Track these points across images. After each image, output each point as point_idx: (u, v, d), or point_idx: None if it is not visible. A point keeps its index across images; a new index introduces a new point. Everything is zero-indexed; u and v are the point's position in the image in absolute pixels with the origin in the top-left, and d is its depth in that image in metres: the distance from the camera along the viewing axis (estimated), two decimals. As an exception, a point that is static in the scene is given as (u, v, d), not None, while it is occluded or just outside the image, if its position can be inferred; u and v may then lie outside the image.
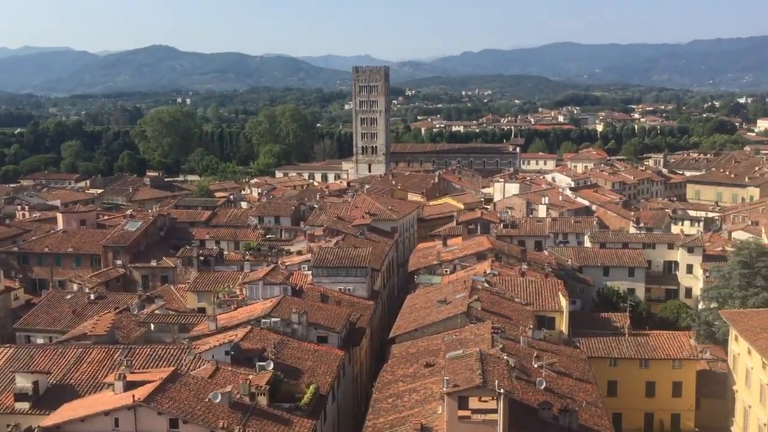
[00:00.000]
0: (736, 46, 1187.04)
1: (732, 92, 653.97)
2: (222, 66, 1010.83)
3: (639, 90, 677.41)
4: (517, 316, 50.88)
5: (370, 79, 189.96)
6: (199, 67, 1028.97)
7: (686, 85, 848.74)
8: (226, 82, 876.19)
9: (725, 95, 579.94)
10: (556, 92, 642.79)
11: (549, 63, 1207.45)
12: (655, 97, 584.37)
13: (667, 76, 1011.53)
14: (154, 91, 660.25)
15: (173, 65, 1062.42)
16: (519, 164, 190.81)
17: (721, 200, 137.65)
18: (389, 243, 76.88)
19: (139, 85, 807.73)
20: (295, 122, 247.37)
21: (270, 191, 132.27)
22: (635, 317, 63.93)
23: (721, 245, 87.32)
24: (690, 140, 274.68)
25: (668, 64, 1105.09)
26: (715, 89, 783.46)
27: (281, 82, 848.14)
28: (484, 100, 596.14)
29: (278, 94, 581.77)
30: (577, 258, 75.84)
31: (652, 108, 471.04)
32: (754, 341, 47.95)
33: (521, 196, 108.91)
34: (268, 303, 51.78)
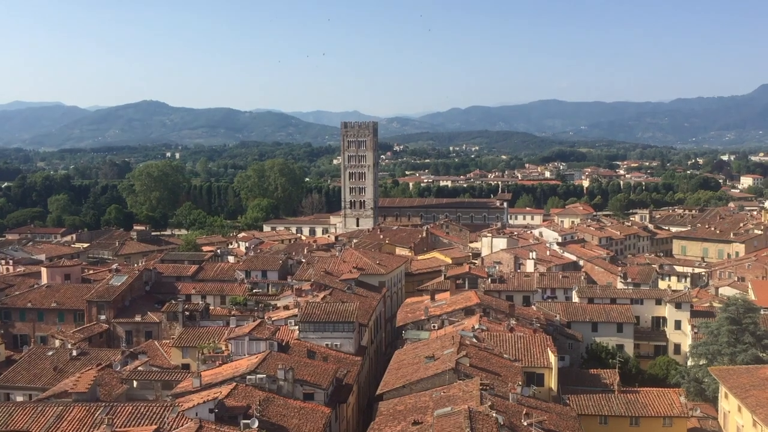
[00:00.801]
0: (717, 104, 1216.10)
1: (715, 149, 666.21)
2: (212, 121, 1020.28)
3: (624, 147, 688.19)
4: (505, 372, 50.41)
5: (358, 134, 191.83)
6: (189, 121, 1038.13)
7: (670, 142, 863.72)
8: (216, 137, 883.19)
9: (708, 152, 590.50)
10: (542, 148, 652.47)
11: (534, 119, 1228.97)
12: (640, 154, 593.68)
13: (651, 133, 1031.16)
14: (144, 146, 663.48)
15: (163, 120, 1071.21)
16: (506, 219, 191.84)
17: (707, 256, 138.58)
18: (377, 298, 76.49)
19: (128, 139, 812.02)
20: (284, 176, 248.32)
21: (257, 245, 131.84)
22: (624, 374, 63.48)
23: (708, 301, 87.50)
24: (675, 196, 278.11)
25: (652, 122, 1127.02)
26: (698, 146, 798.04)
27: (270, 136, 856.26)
28: (471, 155, 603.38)
29: (267, 149, 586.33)
30: (565, 313, 75.65)
31: (637, 164, 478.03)
32: (744, 398, 47.66)
33: (509, 250, 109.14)
34: (253, 359, 51.13)
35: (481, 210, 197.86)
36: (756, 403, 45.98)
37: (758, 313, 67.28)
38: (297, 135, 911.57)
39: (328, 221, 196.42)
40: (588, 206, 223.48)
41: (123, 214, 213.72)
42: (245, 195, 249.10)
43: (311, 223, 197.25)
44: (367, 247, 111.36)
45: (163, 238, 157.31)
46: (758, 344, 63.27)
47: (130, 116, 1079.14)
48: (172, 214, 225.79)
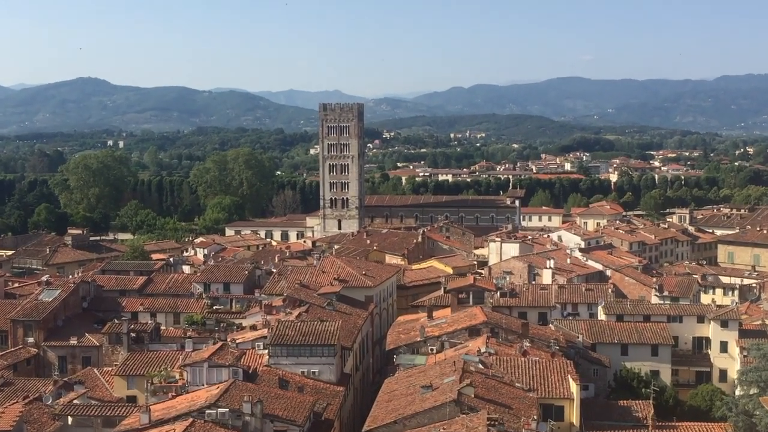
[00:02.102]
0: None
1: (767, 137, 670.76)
2: (163, 102, 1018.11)
3: (659, 133, 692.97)
4: (517, 404, 50.56)
5: (340, 118, 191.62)
6: (136, 103, 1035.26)
7: (714, 128, 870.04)
8: (168, 122, 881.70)
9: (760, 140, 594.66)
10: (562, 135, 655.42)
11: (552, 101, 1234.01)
12: (678, 142, 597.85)
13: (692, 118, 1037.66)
14: (80, 132, 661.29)
15: (104, 101, 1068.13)
16: (519, 220, 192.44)
17: (759, 264, 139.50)
18: (363, 315, 76.53)
19: (61, 124, 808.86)
20: (250, 169, 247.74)
21: (218, 252, 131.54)
22: (660, 405, 63.76)
23: (760, 318, 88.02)
24: (720, 193, 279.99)
25: (692, 104, 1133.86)
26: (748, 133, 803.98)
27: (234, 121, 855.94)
28: (476, 143, 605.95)
29: (230, 136, 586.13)
30: (589, 334, 75.95)
31: (674, 155, 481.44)
32: (802, 434, 47.98)
33: (522, 258, 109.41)
34: (214, 389, 51.05)
35: (489, 209, 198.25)
36: (817, 440, 46.31)
37: (819, 332, 67.80)
38: (266, 119, 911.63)
39: (303, 223, 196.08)
40: (616, 205, 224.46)
41: (55, 215, 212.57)
42: (204, 192, 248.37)
43: (283, 225, 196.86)
44: (351, 255, 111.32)
45: (103, 244, 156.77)
46: (819, 369, 63.68)
47: (64, 97, 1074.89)
48: (114, 215, 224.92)
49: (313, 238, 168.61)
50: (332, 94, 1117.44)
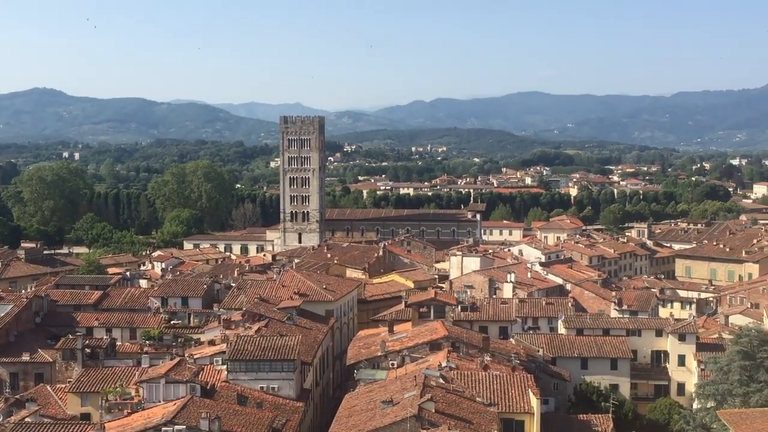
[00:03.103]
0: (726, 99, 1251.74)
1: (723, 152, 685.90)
2: (120, 114, 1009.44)
3: (618, 148, 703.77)
4: (478, 419, 50.67)
5: (301, 131, 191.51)
6: (92, 114, 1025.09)
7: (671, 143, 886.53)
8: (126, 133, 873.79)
9: (716, 156, 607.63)
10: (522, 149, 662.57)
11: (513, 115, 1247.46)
12: (637, 157, 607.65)
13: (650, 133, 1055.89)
14: (35, 144, 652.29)
15: (60, 112, 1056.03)
16: (480, 234, 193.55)
17: (716, 278, 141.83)
18: (323, 330, 76.28)
19: (15, 136, 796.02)
20: (210, 182, 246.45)
21: (176, 266, 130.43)
22: (619, 419, 64.35)
23: (717, 332, 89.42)
24: (678, 208, 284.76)
25: (650, 119, 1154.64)
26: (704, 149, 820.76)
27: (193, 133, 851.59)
28: (437, 157, 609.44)
29: (189, 148, 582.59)
30: (549, 348, 76.48)
31: (633, 169, 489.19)
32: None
33: (483, 272, 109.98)
34: (171, 406, 50.50)
35: (450, 223, 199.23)
36: (773, 453, 47.03)
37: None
38: (226, 132, 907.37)
39: (263, 237, 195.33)
40: (576, 219, 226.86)
41: (8, 228, 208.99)
42: (162, 205, 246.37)
43: (243, 239, 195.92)
44: (311, 269, 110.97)
45: (58, 258, 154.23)
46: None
47: (18, 107, 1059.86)
48: (69, 228, 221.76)
49: (273, 251, 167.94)
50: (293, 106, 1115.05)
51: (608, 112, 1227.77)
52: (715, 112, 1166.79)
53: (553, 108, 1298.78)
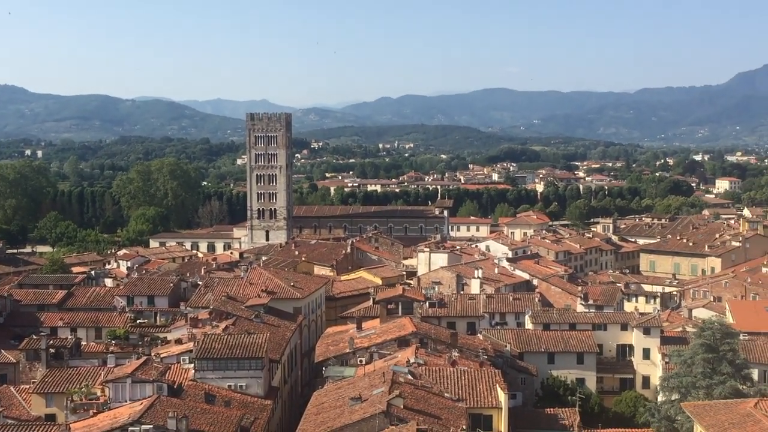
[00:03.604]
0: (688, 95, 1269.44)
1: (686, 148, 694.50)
2: (84, 110, 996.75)
3: (583, 144, 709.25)
4: (446, 414, 50.89)
5: (268, 128, 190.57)
6: (55, 111, 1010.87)
7: (635, 139, 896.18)
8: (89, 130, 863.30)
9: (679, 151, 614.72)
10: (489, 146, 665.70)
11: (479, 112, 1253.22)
12: (602, 153, 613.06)
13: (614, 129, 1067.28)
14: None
15: (21, 109, 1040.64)
16: (447, 230, 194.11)
17: (679, 272, 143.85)
18: (291, 327, 76.13)
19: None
20: (176, 180, 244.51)
21: (142, 265, 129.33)
22: (586, 413, 65.00)
23: (680, 325, 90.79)
24: (642, 203, 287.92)
25: (615, 116, 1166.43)
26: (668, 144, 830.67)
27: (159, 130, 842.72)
28: (404, 154, 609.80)
29: (155, 146, 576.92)
30: (516, 343, 77.04)
31: (598, 165, 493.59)
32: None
33: (450, 268, 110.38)
34: (137, 406, 50.20)
35: (417, 220, 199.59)
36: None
37: (737, 338, 70.16)
38: (192, 129, 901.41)
39: (230, 234, 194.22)
40: (543, 215, 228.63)
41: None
42: (127, 203, 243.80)
43: (210, 237, 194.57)
44: (279, 266, 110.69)
45: (21, 257, 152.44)
46: (737, 375, 65.92)
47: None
48: (32, 227, 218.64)
49: (240, 249, 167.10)
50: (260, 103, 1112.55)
51: (574, 108, 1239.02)
52: (678, 108, 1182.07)
53: (519, 104, 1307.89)
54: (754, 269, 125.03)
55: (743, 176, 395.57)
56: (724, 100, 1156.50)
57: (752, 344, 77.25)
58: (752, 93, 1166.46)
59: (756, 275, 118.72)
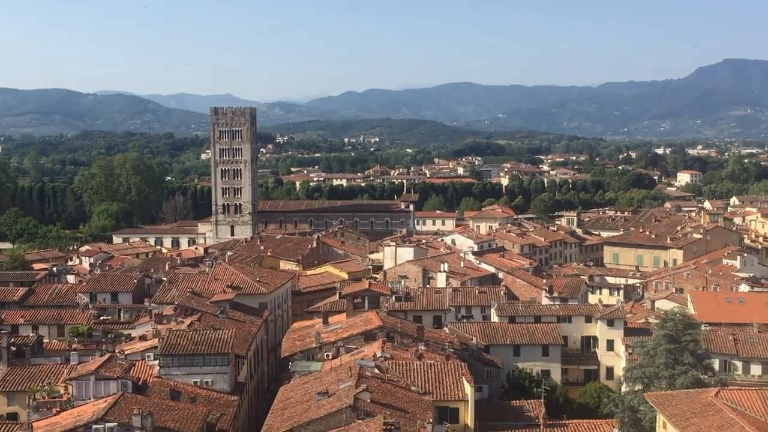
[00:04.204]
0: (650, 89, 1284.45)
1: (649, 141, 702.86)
2: (44, 105, 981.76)
3: (547, 138, 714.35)
4: (413, 408, 51.04)
5: (232, 122, 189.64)
6: (15, 106, 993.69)
7: (598, 132, 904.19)
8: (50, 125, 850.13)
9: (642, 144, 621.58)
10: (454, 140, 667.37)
11: (444, 106, 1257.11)
12: (566, 147, 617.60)
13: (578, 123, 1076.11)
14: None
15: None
16: (413, 224, 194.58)
17: (642, 264, 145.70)
18: (257, 323, 75.83)
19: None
20: (139, 175, 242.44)
21: (105, 261, 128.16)
22: (551, 404, 65.56)
23: (643, 316, 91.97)
24: (605, 196, 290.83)
25: (578, 110, 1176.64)
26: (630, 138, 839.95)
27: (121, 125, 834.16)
28: (370, 148, 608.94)
29: (117, 140, 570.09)
30: (482, 336, 77.47)
31: (562, 159, 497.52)
32: (684, 428, 50.32)
33: (416, 262, 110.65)
34: (101, 403, 49.74)
35: (383, 214, 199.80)
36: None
37: (698, 329, 71.30)
38: (155, 123, 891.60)
39: (195, 230, 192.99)
40: (508, 208, 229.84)
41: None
42: (89, 198, 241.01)
43: (174, 232, 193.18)
44: (244, 261, 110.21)
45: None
46: (699, 365, 67.02)
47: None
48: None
49: (205, 244, 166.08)
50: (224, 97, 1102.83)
51: (538, 102, 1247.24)
52: (640, 102, 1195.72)
53: (484, 98, 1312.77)
54: (715, 261, 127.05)
55: (704, 169, 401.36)
56: (684, 95, 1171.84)
57: (713, 335, 78.70)
58: (712, 87, 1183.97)
59: (717, 267, 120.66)
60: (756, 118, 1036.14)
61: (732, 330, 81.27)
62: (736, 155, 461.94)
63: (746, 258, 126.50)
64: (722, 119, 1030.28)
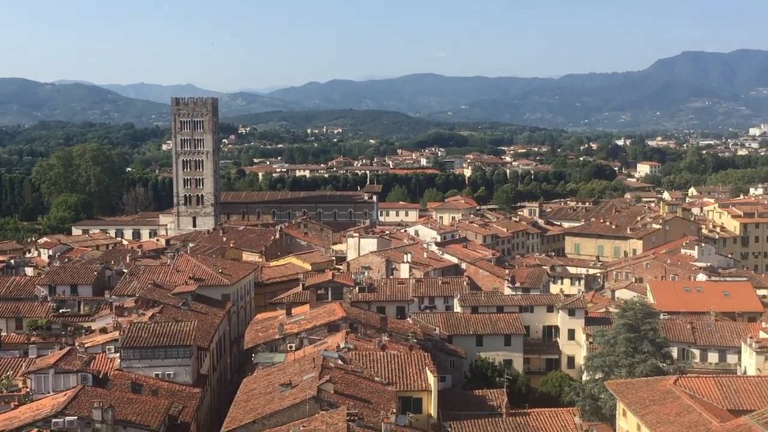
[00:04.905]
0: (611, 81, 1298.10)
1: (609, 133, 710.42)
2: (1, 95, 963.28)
3: (510, 129, 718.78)
4: (377, 398, 51.17)
5: (194, 112, 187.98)
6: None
7: (560, 124, 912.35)
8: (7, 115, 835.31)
9: (602, 136, 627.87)
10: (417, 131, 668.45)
11: (407, 97, 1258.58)
12: (528, 138, 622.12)
13: (540, 114, 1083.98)
14: None
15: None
16: (376, 215, 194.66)
17: (603, 254, 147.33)
18: (220, 314, 75.43)
19: None
20: (99, 166, 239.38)
21: (65, 253, 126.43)
22: (513, 393, 66.14)
23: (604, 306, 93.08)
24: (567, 187, 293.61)
25: (540, 101, 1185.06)
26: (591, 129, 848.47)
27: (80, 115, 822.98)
28: (333, 139, 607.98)
29: (76, 131, 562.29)
30: (445, 326, 77.82)
31: (524, 150, 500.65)
32: (643, 415, 51.09)
33: (379, 253, 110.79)
34: (61, 397, 49.16)
35: (346, 205, 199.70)
36: (656, 420, 49.42)
37: (657, 318, 72.35)
38: (115, 114, 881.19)
39: (156, 221, 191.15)
40: (471, 199, 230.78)
41: None
42: (47, 189, 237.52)
43: (135, 224, 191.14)
44: (206, 253, 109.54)
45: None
46: (658, 353, 68.03)
47: None
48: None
49: (166, 236, 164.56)
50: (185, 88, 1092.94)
51: (500, 93, 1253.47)
52: (601, 93, 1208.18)
53: (447, 90, 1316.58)
54: (674, 251, 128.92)
55: (663, 160, 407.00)
56: (644, 86, 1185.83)
57: (672, 323, 79.96)
58: (671, 79, 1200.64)
59: (675, 256, 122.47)
60: (714, 110, 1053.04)
61: (690, 318, 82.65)
62: (694, 147, 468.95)
63: (704, 248, 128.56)
64: (681, 111, 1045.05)
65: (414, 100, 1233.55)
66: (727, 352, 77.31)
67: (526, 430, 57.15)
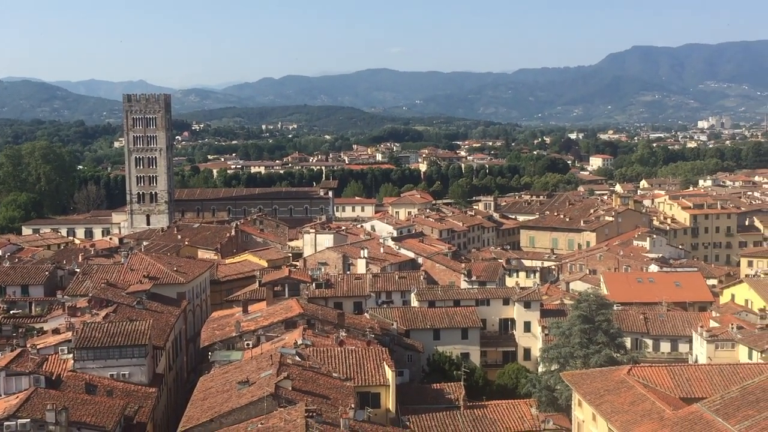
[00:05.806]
0: (563, 76, 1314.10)
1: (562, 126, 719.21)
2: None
3: (464, 124, 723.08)
4: (335, 394, 51.20)
5: (146, 109, 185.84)
6: None
7: (514, 118, 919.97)
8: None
9: (555, 130, 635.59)
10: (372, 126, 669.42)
11: (362, 92, 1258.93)
12: (482, 132, 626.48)
13: (494, 109, 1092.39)
14: None
15: None
16: (332, 211, 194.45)
17: (557, 247, 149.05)
18: (175, 313, 74.69)
19: None
20: (49, 164, 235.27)
21: (15, 253, 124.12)
22: (471, 386, 66.57)
23: (559, 298, 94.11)
24: (521, 180, 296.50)
25: (494, 96, 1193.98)
26: (545, 123, 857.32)
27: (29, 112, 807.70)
28: (288, 135, 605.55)
29: (25, 129, 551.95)
30: (403, 320, 78.04)
31: (479, 144, 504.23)
32: (598, 405, 51.80)
33: (336, 249, 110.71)
34: (13, 399, 48.37)
35: (302, 201, 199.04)
36: (611, 410, 50.15)
37: (611, 309, 73.37)
38: (65, 111, 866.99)
39: (109, 220, 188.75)
40: (426, 194, 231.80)
41: None
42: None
43: (87, 222, 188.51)
44: (161, 251, 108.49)
45: None
46: (612, 344, 69.03)
47: None
48: None
49: (119, 234, 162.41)
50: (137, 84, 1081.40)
51: (454, 88, 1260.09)
52: (553, 88, 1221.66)
53: (402, 85, 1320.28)
54: (626, 242, 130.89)
55: (615, 153, 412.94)
56: (596, 81, 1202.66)
57: (625, 314, 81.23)
58: (622, 73, 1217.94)
59: (628, 248, 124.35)
60: (663, 103, 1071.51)
61: (642, 309, 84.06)
62: (645, 140, 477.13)
63: (655, 239, 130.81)
64: (632, 104, 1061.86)
65: (369, 95, 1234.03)
66: (679, 341, 78.78)
67: (484, 422, 57.65)
